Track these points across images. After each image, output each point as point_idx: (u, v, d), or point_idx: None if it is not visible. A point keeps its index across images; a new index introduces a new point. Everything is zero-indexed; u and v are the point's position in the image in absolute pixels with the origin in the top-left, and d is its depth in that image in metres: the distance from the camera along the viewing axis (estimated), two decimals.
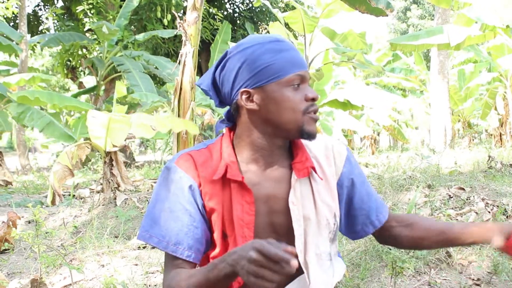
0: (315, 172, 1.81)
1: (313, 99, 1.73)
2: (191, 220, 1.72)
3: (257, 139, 1.75)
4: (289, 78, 1.68)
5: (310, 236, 1.81)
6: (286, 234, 1.79)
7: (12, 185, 11.65)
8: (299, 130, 1.71)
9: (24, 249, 5.16)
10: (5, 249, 5.01)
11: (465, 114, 20.92)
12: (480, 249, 4.32)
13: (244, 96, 1.71)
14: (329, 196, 1.86)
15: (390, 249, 4.10)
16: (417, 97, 24.17)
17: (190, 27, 7.44)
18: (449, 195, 6.20)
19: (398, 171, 9.12)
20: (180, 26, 7.40)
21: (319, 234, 1.83)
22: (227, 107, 1.86)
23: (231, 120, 1.85)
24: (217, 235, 1.77)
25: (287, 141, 1.83)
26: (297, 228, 1.78)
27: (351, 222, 2.00)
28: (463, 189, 6.55)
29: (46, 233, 4.54)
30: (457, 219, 5.01)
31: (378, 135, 26.16)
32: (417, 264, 4.02)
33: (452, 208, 5.56)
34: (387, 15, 7.75)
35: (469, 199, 5.89)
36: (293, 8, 11.24)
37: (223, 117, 1.88)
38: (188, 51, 7.42)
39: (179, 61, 7.52)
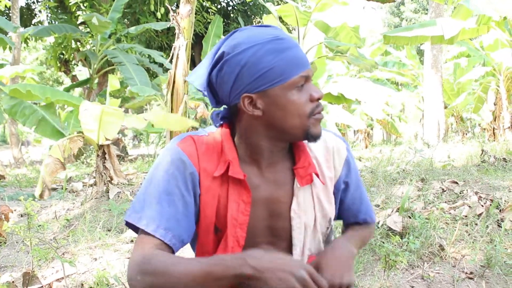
0: (318, 177, 1.77)
1: (319, 99, 1.65)
2: (185, 208, 1.63)
3: (259, 142, 1.69)
4: (293, 81, 1.58)
5: (307, 242, 1.80)
6: (286, 239, 1.78)
7: (5, 178, 11.60)
8: (304, 134, 1.65)
9: (16, 242, 5.15)
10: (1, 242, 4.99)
11: (458, 108, 20.93)
12: (473, 242, 4.33)
13: (246, 102, 1.61)
14: (327, 200, 1.82)
15: (383, 243, 4.11)
16: (410, 91, 24.18)
17: (183, 20, 7.41)
18: (443, 189, 6.20)
19: (391, 165, 9.13)
20: (173, 19, 7.37)
21: (313, 240, 1.82)
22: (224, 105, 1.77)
23: (229, 118, 1.76)
24: (205, 229, 1.71)
25: (288, 143, 1.77)
26: (297, 236, 1.76)
27: (337, 216, 1.99)
28: (456, 182, 6.56)
29: (39, 226, 4.53)
30: (450, 213, 5.01)
31: (372, 129, 26.17)
32: (410, 257, 4.02)
33: (445, 202, 5.56)
34: (394, 1, 7.70)
35: (462, 193, 5.89)
36: (285, 2, 11.20)
37: (219, 113, 1.76)
38: (181, 44, 7.40)
39: (172, 54, 7.49)
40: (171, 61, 7.65)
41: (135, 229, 1.66)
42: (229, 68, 1.60)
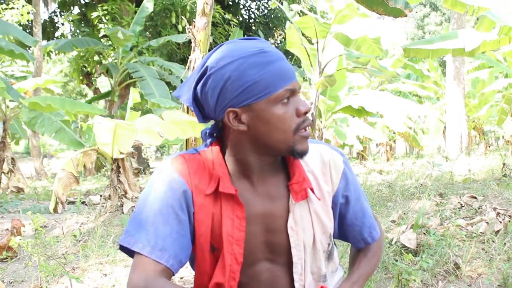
0: (313, 192, 1.72)
1: (306, 113, 1.61)
2: (180, 227, 1.61)
3: (247, 157, 1.66)
4: (279, 95, 1.56)
5: (307, 260, 1.76)
6: (284, 255, 1.74)
7: (24, 191, 11.67)
8: (289, 150, 1.61)
9: (28, 257, 5.12)
10: (8, 257, 4.96)
11: (480, 120, 20.74)
12: (490, 260, 4.21)
13: (231, 117, 1.59)
14: (326, 215, 1.78)
15: (396, 260, 4.01)
16: (432, 104, 23.99)
17: (199, 32, 7.38)
18: (461, 204, 6.08)
19: (411, 179, 9.01)
20: (189, 31, 7.35)
21: (314, 258, 1.78)
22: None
23: (217, 134, 1.74)
24: (200, 248, 1.69)
25: (278, 157, 1.73)
26: (296, 254, 1.73)
27: (342, 234, 1.94)
28: (475, 197, 6.42)
29: (46, 241, 4.50)
30: (467, 229, 4.89)
31: (394, 142, 25.97)
32: (424, 276, 3.91)
33: (463, 218, 5.43)
34: (405, 15, 7.60)
35: (481, 208, 5.75)
36: (305, 14, 11.12)
37: (207, 131, 1.74)
38: (197, 57, 7.36)
39: (188, 67, 7.46)
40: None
41: (129, 252, 1.63)
42: (213, 83, 1.58)
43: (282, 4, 11.26)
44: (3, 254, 4.61)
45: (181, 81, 18.15)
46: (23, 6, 17.26)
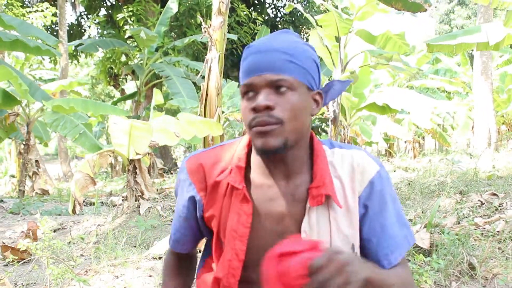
0: (334, 199, 1.58)
1: (254, 109, 1.50)
2: (186, 221, 1.81)
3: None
4: (240, 89, 1.56)
5: None
6: None
7: (49, 193, 11.76)
8: (254, 146, 1.55)
9: (37, 260, 5.12)
10: (15, 260, 4.95)
11: (510, 116, 20.44)
12: (506, 260, 4.09)
13: None
14: (348, 225, 1.61)
15: (408, 260, 3.92)
16: (462, 99, 23.69)
17: (215, 32, 7.36)
18: (481, 202, 5.93)
19: (434, 176, 8.86)
20: (205, 31, 7.31)
21: None
22: None
23: None
24: (215, 242, 1.73)
25: (301, 154, 1.62)
26: None
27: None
28: (496, 195, 6.27)
29: (69, 243, 4.50)
30: (484, 228, 4.77)
31: (423, 138, 25.67)
32: (436, 277, 3.80)
33: (481, 216, 5.30)
34: (425, 10, 7.47)
35: (501, 206, 5.61)
36: (326, 10, 11.02)
37: None
38: (214, 57, 7.34)
39: (205, 67, 7.43)
40: (202, 76, 7.60)
41: None
42: None
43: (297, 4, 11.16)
44: (10, 257, 4.60)
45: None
46: (46, 8, 17.40)
